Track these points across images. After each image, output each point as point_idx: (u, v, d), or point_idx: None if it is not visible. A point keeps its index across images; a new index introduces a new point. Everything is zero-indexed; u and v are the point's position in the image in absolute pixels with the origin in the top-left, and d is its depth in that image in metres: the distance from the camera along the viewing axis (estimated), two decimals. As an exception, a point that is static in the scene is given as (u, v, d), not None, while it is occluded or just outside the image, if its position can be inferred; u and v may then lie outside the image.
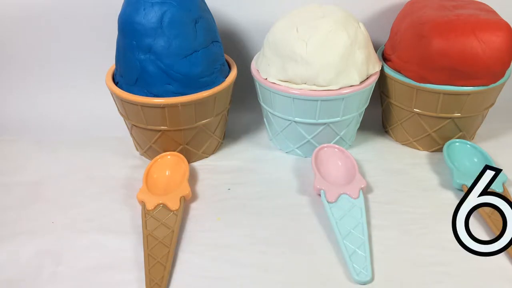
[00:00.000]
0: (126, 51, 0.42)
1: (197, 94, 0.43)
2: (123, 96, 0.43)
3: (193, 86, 0.43)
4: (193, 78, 0.42)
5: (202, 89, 0.43)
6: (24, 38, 0.57)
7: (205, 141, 0.48)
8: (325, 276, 0.36)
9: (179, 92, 0.42)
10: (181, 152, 0.47)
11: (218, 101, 0.45)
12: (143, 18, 0.40)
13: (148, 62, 0.41)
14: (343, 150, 0.48)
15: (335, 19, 0.44)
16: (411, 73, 0.47)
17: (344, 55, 0.44)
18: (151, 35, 0.41)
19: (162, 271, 0.35)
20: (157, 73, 0.41)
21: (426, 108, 0.48)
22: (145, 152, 0.49)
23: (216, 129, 0.49)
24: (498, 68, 0.44)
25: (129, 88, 0.43)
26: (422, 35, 0.45)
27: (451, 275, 0.36)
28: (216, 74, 0.44)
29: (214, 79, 0.44)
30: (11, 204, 0.44)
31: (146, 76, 0.42)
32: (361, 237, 0.38)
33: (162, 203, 0.41)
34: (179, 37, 0.41)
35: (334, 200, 0.42)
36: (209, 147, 0.50)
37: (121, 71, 0.44)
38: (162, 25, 0.40)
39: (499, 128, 0.55)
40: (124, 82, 0.44)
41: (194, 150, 0.48)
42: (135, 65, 0.42)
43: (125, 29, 0.42)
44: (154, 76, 0.41)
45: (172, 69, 0.41)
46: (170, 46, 0.41)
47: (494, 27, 0.43)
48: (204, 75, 0.43)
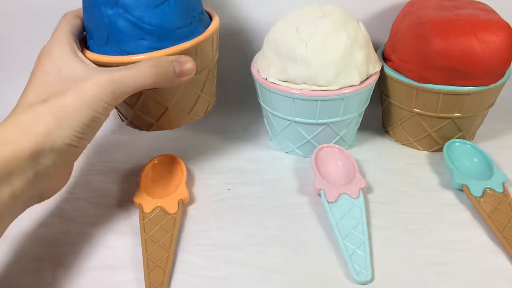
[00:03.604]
0: (92, 8, 0.38)
1: (175, 46, 0.38)
2: (92, 58, 0.38)
3: (170, 39, 0.38)
4: (168, 29, 0.37)
5: (181, 41, 0.38)
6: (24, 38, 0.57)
7: (192, 101, 0.44)
8: (325, 276, 0.36)
9: (155, 47, 0.37)
10: (169, 116, 0.43)
11: (201, 54, 0.40)
12: None
13: (117, 16, 0.36)
14: (343, 150, 0.48)
15: (335, 19, 0.44)
16: (411, 73, 0.47)
17: (344, 55, 0.44)
18: None
19: (162, 275, 0.35)
20: (128, 28, 0.37)
21: (426, 108, 0.48)
22: (130, 121, 0.44)
23: (204, 87, 0.44)
24: (498, 68, 0.44)
25: (101, 49, 0.38)
26: (422, 35, 0.45)
27: (451, 275, 0.36)
28: (194, 24, 0.39)
29: (193, 30, 0.39)
30: (11, 204, 0.44)
31: (116, 33, 0.37)
32: (361, 237, 0.38)
33: (160, 206, 0.41)
34: None
35: (334, 200, 0.42)
36: (198, 108, 0.45)
37: (91, 32, 0.39)
38: None
39: (499, 128, 0.55)
40: (95, 44, 0.39)
41: (182, 113, 0.44)
42: (103, 22, 0.37)
43: None
44: (125, 32, 0.37)
45: (144, 22, 0.36)
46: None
47: (494, 27, 0.43)
48: (180, 25, 0.38)
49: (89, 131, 0.34)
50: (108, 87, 0.33)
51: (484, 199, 0.42)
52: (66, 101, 0.32)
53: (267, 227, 0.41)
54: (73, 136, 0.32)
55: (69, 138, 0.32)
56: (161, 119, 0.43)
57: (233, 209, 0.43)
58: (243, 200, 0.44)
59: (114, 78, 0.33)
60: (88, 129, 0.33)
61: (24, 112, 0.32)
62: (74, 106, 0.32)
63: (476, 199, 0.42)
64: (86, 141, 0.34)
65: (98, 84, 0.33)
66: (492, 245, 0.38)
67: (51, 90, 0.33)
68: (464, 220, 0.41)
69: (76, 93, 0.32)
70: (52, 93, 0.32)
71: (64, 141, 0.32)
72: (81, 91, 0.32)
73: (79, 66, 0.35)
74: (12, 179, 0.29)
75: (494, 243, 0.38)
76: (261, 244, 0.39)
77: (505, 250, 0.37)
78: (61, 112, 0.31)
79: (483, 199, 0.42)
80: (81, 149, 0.34)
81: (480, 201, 0.41)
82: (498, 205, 0.41)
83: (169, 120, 0.43)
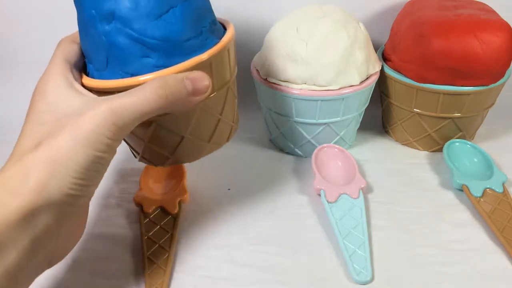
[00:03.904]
0: (87, 27, 0.32)
1: (185, 62, 0.32)
2: (91, 85, 0.32)
3: (178, 53, 0.32)
4: (175, 42, 0.31)
5: (191, 55, 0.32)
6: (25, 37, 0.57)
7: (211, 127, 0.36)
8: (325, 276, 0.36)
9: (161, 65, 0.32)
10: (186, 146, 0.36)
11: (216, 69, 0.34)
12: None
13: (115, 32, 0.31)
14: (343, 150, 0.48)
15: (335, 19, 0.44)
16: (411, 73, 0.47)
17: (344, 55, 0.44)
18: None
19: (162, 275, 0.35)
20: (129, 44, 0.31)
21: (426, 108, 0.48)
22: (142, 156, 0.38)
23: (223, 109, 0.36)
24: (498, 68, 0.44)
25: (101, 74, 0.33)
26: (422, 35, 0.45)
27: (451, 275, 0.36)
28: (205, 35, 0.33)
29: (205, 41, 0.33)
30: (11, 204, 0.44)
31: (116, 52, 0.31)
32: (361, 237, 0.38)
33: (160, 206, 0.41)
34: None
35: (334, 200, 0.42)
36: (219, 135, 0.38)
37: (89, 56, 0.34)
38: None
39: (499, 128, 0.55)
40: (94, 68, 0.33)
41: (201, 141, 0.37)
42: (101, 41, 0.31)
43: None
44: (126, 50, 0.31)
45: (146, 35, 0.31)
46: (138, 6, 0.31)
47: (494, 27, 0.43)
48: (189, 36, 0.32)
49: (92, 175, 0.28)
50: (108, 119, 0.27)
51: (484, 199, 0.42)
52: (60, 142, 0.27)
53: (267, 227, 0.41)
54: (72, 184, 0.27)
55: (68, 187, 0.27)
56: (177, 151, 0.36)
57: (233, 209, 0.43)
58: (243, 200, 0.44)
59: (114, 107, 0.28)
60: (90, 173, 0.28)
61: (14, 165, 0.27)
62: (70, 148, 0.27)
63: (476, 199, 0.42)
64: (91, 187, 0.29)
65: (95, 116, 0.27)
66: (492, 245, 0.38)
67: (45, 131, 0.28)
68: (464, 220, 0.41)
69: (71, 131, 0.27)
70: (46, 135, 0.28)
71: (62, 191, 0.27)
72: (77, 128, 0.27)
73: (76, 99, 0.29)
74: (2, 254, 0.25)
75: (494, 243, 0.38)
76: (261, 244, 0.39)
77: (505, 250, 0.37)
78: (55, 157, 0.26)
79: (483, 199, 0.42)
80: (87, 198, 0.29)
81: (480, 201, 0.41)
82: (498, 205, 0.41)
83: (187, 151, 0.37)
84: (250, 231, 0.41)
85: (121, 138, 0.29)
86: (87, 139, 0.27)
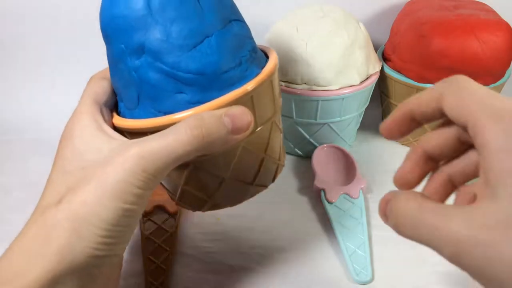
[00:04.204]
0: (117, 62, 0.29)
1: (224, 97, 0.28)
2: (121, 125, 0.29)
3: (215, 87, 0.28)
4: (211, 75, 0.28)
5: (229, 88, 0.28)
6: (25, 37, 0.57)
7: (254, 166, 0.32)
8: (325, 276, 0.36)
9: (197, 101, 0.28)
10: (226, 189, 0.32)
11: (259, 102, 0.30)
12: (124, 8, 0.28)
13: (146, 67, 0.28)
14: (343, 150, 0.48)
15: (335, 19, 0.44)
16: (411, 73, 0.47)
17: (344, 55, 0.44)
18: (140, 28, 0.28)
19: (162, 274, 0.35)
20: (161, 80, 0.28)
21: (426, 108, 0.48)
22: (179, 200, 0.33)
23: (268, 146, 0.32)
24: (498, 68, 0.44)
25: (133, 113, 0.30)
26: (422, 35, 0.45)
27: (451, 275, 0.36)
28: (245, 65, 0.30)
29: (244, 72, 0.29)
30: (11, 204, 0.44)
31: (148, 89, 0.28)
32: (361, 237, 0.38)
33: (160, 205, 0.41)
34: (178, 20, 0.28)
35: (334, 200, 0.42)
36: (263, 175, 0.33)
37: (120, 93, 0.31)
38: (152, 10, 0.28)
39: (499, 128, 0.55)
40: (125, 107, 0.30)
41: (243, 184, 0.33)
42: (131, 77, 0.29)
43: (107, 32, 0.29)
44: (158, 86, 0.28)
45: (180, 69, 0.28)
46: (169, 37, 0.28)
47: (494, 27, 0.43)
48: (227, 67, 0.28)
49: (121, 232, 0.24)
50: (137, 166, 0.24)
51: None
52: (85, 195, 0.24)
53: (267, 227, 0.41)
54: (99, 244, 0.24)
55: (93, 247, 0.23)
56: (217, 195, 0.32)
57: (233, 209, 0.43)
58: (243, 200, 0.44)
59: (144, 152, 0.24)
60: (119, 229, 0.24)
61: (36, 223, 0.24)
62: (96, 201, 0.23)
63: (476, 199, 0.42)
64: (120, 245, 0.25)
65: (123, 164, 0.24)
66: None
67: (71, 182, 0.25)
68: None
69: (97, 182, 0.24)
70: (71, 186, 0.25)
71: (88, 253, 0.23)
72: (103, 178, 0.24)
73: (104, 144, 0.26)
74: None
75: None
76: (261, 244, 0.39)
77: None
78: (79, 213, 0.23)
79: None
80: (116, 257, 0.26)
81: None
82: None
83: (228, 195, 0.33)
84: (250, 231, 0.41)
85: (153, 187, 0.26)
86: (114, 191, 0.24)
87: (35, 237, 0.24)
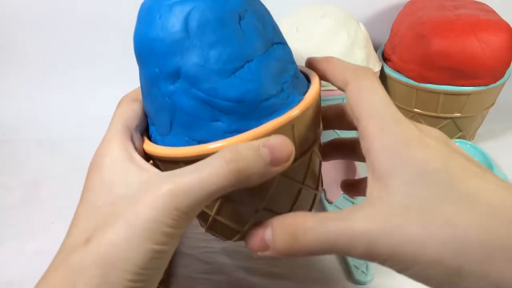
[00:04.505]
0: (151, 86, 0.28)
1: (263, 126, 0.26)
2: (152, 152, 0.28)
3: (254, 116, 0.26)
4: (251, 103, 0.26)
5: (269, 117, 0.26)
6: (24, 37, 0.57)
7: (291, 197, 0.30)
8: (325, 276, 0.36)
9: (234, 130, 0.26)
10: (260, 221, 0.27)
11: (299, 131, 0.28)
12: (160, 31, 0.26)
13: (181, 93, 0.26)
14: (343, 150, 0.48)
15: (335, 19, 0.44)
16: (411, 73, 0.47)
17: (344, 55, 0.44)
18: (176, 52, 0.26)
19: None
20: (196, 107, 0.26)
21: (426, 108, 0.48)
22: (209, 228, 0.32)
23: (306, 175, 0.30)
24: (498, 68, 0.44)
25: (165, 140, 0.28)
26: (422, 35, 0.45)
27: (451, 275, 0.36)
28: (287, 91, 0.27)
29: (286, 99, 0.27)
30: (11, 204, 0.44)
31: (181, 116, 0.27)
32: (361, 237, 0.38)
33: None
34: (218, 45, 0.26)
35: (334, 200, 0.42)
36: (300, 205, 0.31)
37: (152, 118, 0.29)
38: (189, 33, 0.26)
39: (499, 128, 0.55)
40: (157, 132, 0.29)
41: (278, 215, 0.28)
42: (164, 102, 0.27)
43: (141, 54, 0.28)
44: (193, 113, 0.26)
45: (217, 96, 0.26)
46: (207, 62, 0.26)
47: (494, 27, 0.43)
48: (268, 95, 0.26)
49: (150, 274, 0.23)
50: (169, 204, 0.22)
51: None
52: (114, 236, 0.22)
53: (267, 227, 0.41)
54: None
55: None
56: (250, 226, 0.30)
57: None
58: (243, 200, 0.44)
59: (178, 189, 0.23)
60: (148, 272, 0.23)
61: (62, 266, 0.23)
62: (125, 244, 0.22)
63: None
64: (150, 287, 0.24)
65: (154, 202, 0.22)
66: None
67: (99, 219, 0.24)
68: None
69: (126, 221, 0.22)
70: (99, 224, 0.23)
71: None
72: (133, 217, 0.22)
73: (134, 177, 0.25)
74: None
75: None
76: (261, 244, 0.39)
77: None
78: (108, 257, 0.22)
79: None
80: None
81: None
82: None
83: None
84: (250, 231, 0.41)
85: (185, 225, 0.24)
86: (144, 231, 0.22)
87: (60, 284, 0.22)
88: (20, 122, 0.57)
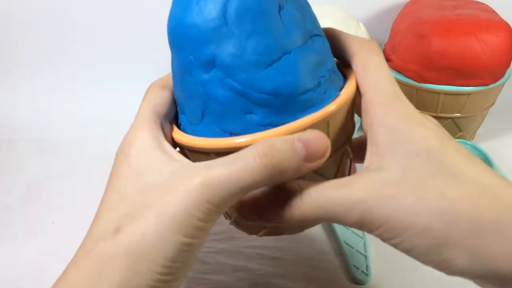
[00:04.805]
0: (182, 73, 0.27)
1: (298, 121, 0.25)
2: (181, 141, 0.27)
3: (290, 110, 0.26)
4: (287, 97, 0.25)
5: (305, 112, 0.26)
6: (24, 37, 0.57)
7: None
8: (325, 276, 0.36)
9: (268, 123, 0.25)
10: None
11: (335, 128, 0.27)
12: (197, 17, 0.25)
13: (215, 83, 0.25)
14: (343, 150, 0.48)
15: (335, 19, 0.44)
16: (411, 73, 0.47)
17: (344, 55, 0.44)
18: (213, 40, 0.25)
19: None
20: (230, 98, 0.25)
21: (426, 108, 0.48)
22: (235, 221, 0.32)
23: (337, 172, 0.30)
24: (498, 68, 0.44)
25: (195, 129, 0.27)
26: (422, 35, 0.45)
27: (451, 275, 0.36)
28: (324, 86, 0.26)
29: (322, 94, 0.26)
30: (11, 204, 0.44)
31: (214, 106, 0.26)
32: (361, 237, 0.38)
33: None
34: (256, 35, 0.25)
35: (334, 200, 0.42)
36: None
37: (182, 106, 0.28)
38: (227, 21, 0.25)
39: (499, 128, 0.55)
40: (187, 121, 0.28)
41: None
42: (197, 91, 0.26)
43: (176, 40, 0.27)
44: (226, 104, 0.26)
45: (252, 88, 0.25)
46: (244, 52, 0.25)
47: (494, 27, 0.43)
48: (305, 89, 0.25)
49: (179, 267, 0.22)
50: (201, 196, 0.22)
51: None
52: (144, 228, 0.22)
53: (267, 227, 0.41)
54: (155, 282, 0.22)
55: (150, 285, 0.22)
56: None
57: (233, 209, 0.43)
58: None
59: (210, 181, 0.22)
60: (177, 265, 0.22)
61: (88, 256, 0.22)
62: (156, 234, 0.22)
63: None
64: (176, 281, 0.23)
65: (186, 194, 0.22)
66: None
67: (128, 208, 0.23)
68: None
69: (157, 212, 0.22)
70: (128, 213, 0.23)
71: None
72: (163, 208, 0.22)
73: (164, 165, 0.24)
74: None
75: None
76: (261, 245, 0.39)
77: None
78: (139, 248, 0.21)
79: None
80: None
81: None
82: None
83: None
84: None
85: (214, 219, 0.23)
86: (174, 223, 0.22)
87: (88, 272, 0.22)
88: (20, 122, 0.57)
